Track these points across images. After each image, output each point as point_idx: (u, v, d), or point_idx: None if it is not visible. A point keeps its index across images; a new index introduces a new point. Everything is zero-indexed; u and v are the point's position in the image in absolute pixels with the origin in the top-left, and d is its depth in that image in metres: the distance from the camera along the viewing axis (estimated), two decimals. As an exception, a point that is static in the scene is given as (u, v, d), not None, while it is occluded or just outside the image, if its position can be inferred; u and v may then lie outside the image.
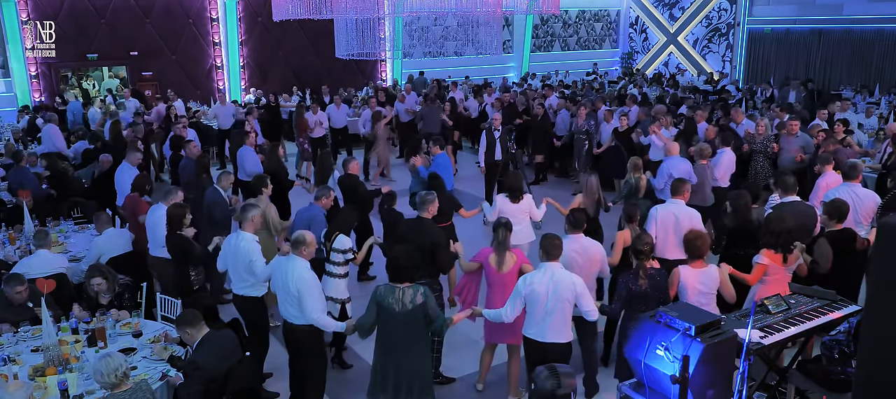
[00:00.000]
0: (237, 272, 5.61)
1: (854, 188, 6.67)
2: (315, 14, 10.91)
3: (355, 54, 11.17)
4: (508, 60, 22.22)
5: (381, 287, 4.66)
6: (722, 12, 21.61)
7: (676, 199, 6.35)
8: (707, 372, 3.97)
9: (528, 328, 4.89)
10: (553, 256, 4.80)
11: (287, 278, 4.97)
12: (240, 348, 4.86)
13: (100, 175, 9.08)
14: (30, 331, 5.37)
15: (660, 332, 4.09)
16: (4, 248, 7.09)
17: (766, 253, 5.40)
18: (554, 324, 4.76)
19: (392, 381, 4.65)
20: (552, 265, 4.78)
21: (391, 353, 4.64)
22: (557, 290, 4.71)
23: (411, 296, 4.56)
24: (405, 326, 4.57)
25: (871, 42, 18.45)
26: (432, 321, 4.62)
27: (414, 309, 4.54)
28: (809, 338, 5.14)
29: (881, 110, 14.17)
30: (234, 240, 5.66)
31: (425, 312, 4.58)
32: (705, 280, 5.09)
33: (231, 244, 5.66)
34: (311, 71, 19.00)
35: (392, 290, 4.60)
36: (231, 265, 5.67)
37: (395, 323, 4.58)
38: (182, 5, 17.39)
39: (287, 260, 5.09)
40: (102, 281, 5.71)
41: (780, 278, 5.42)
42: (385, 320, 4.61)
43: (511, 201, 6.76)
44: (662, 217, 6.21)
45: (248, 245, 5.54)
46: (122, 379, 3.98)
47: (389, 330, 4.62)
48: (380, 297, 4.61)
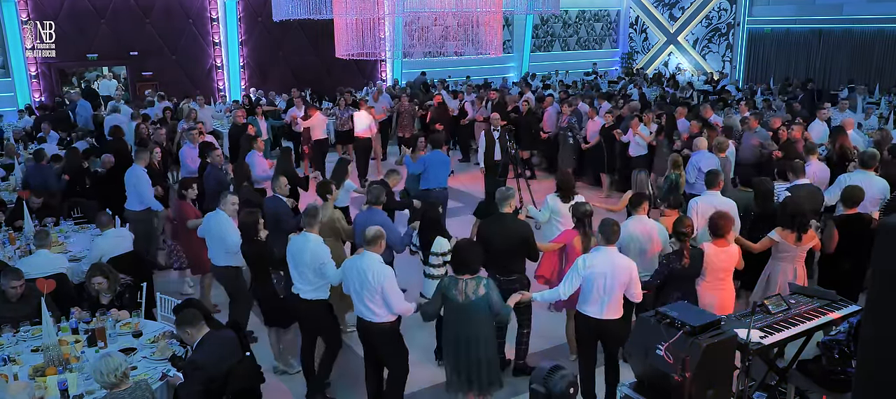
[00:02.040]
0: (304, 275, 5.47)
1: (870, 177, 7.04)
2: (315, 14, 10.90)
3: (355, 54, 11.17)
4: (508, 60, 22.22)
5: (446, 279, 4.86)
6: (722, 12, 21.61)
7: (713, 190, 6.64)
8: (707, 372, 3.97)
9: (584, 305, 5.13)
10: (611, 241, 5.04)
11: (366, 276, 4.93)
12: (240, 348, 4.86)
13: (101, 175, 9.07)
14: (30, 331, 5.37)
15: (660, 332, 4.09)
16: (4, 248, 7.09)
17: (779, 231, 5.77)
18: (611, 303, 5.06)
19: (464, 371, 4.84)
20: (610, 249, 5.04)
21: (456, 343, 4.82)
22: (615, 273, 4.97)
23: (474, 288, 4.72)
24: (469, 317, 4.74)
25: (871, 42, 18.45)
26: (497, 312, 4.77)
27: (477, 300, 4.70)
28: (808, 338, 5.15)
29: (881, 110, 14.17)
30: (300, 242, 5.50)
31: (489, 303, 4.71)
32: (725, 257, 5.42)
33: (297, 247, 5.50)
34: (311, 71, 19.00)
35: (455, 282, 4.76)
36: (297, 268, 5.51)
37: (458, 314, 4.76)
38: (182, 5, 17.39)
39: (362, 258, 5.03)
40: (103, 280, 5.71)
41: (793, 256, 5.80)
42: (450, 311, 4.81)
43: (562, 200, 6.81)
44: (703, 209, 6.43)
45: (318, 247, 5.41)
46: (121, 379, 3.99)
47: (454, 321, 4.81)
48: (444, 289, 4.81)
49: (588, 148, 11.69)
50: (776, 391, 5.09)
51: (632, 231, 5.80)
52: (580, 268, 5.03)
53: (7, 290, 5.46)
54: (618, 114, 12.08)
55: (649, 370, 4.14)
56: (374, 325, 5.05)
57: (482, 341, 4.79)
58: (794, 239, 5.72)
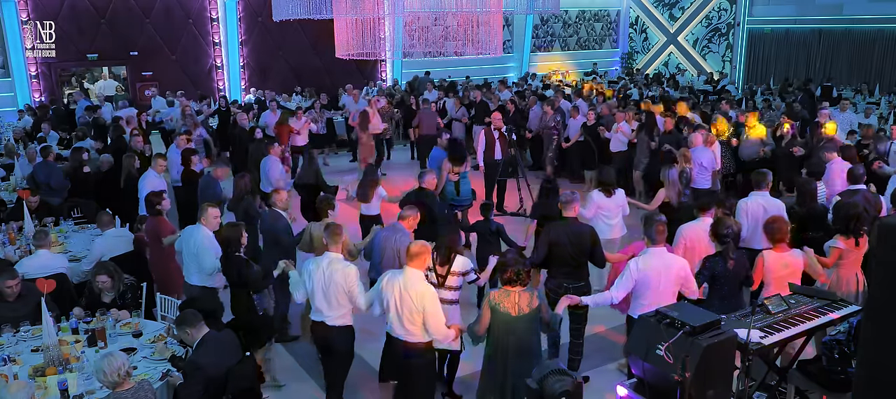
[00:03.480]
0: (331, 300, 5.02)
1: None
2: (315, 14, 10.90)
3: (355, 54, 11.17)
4: (508, 60, 22.22)
5: (495, 292, 4.63)
6: (722, 12, 21.60)
7: (762, 190, 6.57)
8: (707, 372, 3.97)
9: (638, 309, 4.95)
10: (658, 241, 4.99)
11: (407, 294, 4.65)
12: (240, 348, 4.86)
13: (101, 176, 9.06)
14: (30, 331, 5.37)
15: (660, 332, 4.09)
16: (4, 248, 7.09)
17: (841, 237, 5.69)
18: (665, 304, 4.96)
19: (499, 383, 4.64)
20: (660, 249, 5.01)
21: (504, 356, 4.60)
22: (669, 274, 4.94)
23: (528, 300, 4.57)
24: (520, 330, 4.57)
25: (871, 42, 18.45)
26: (547, 321, 4.68)
27: (531, 313, 4.56)
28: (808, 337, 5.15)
29: (881, 110, 14.17)
30: (323, 264, 5.02)
31: (540, 314, 4.62)
32: (788, 264, 5.30)
33: (321, 269, 5.01)
34: (311, 71, 19.00)
35: (506, 295, 4.58)
36: (320, 293, 5.03)
37: (510, 327, 4.56)
38: (182, 5, 17.39)
39: (401, 274, 4.74)
40: (108, 279, 5.72)
41: (853, 260, 5.69)
42: (499, 325, 4.58)
43: (605, 196, 6.78)
44: (752, 209, 6.41)
45: (347, 269, 4.98)
46: (124, 378, 3.99)
47: (504, 334, 4.58)
48: (494, 303, 4.58)
49: (569, 145, 12.10)
50: (776, 391, 5.09)
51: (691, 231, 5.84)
52: (633, 272, 4.96)
53: (3, 290, 5.45)
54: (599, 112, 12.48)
55: (649, 370, 4.14)
56: (413, 345, 4.77)
57: (532, 354, 4.61)
58: (853, 244, 5.64)
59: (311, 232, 6.38)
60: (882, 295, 2.90)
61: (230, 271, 5.56)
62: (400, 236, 5.74)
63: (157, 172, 8.05)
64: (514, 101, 14.15)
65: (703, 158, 8.54)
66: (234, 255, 5.51)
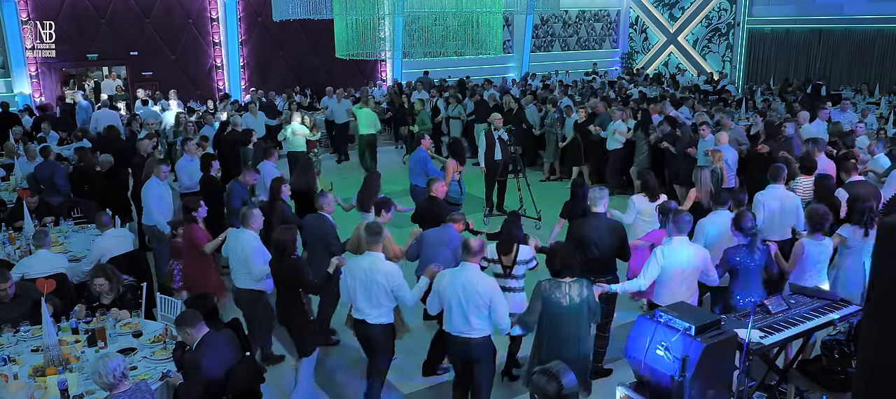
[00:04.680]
0: (375, 299, 5.06)
1: None
2: (315, 14, 10.90)
3: (355, 54, 11.17)
4: (508, 60, 22.22)
5: (545, 282, 4.73)
6: (722, 12, 21.60)
7: (777, 183, 6.74)
8: (707, 372, 3.97)
9: (662, 295, 5.23)
10: (684, 231, 5.24)
11: (473, 288, 4.68)
12: (240, 348, 4.86)
13: (100, 175, 9.05)
14: (30, 331, 5.37)
15: (660, 332, 4.09)
16: (4, 248, 7.09)
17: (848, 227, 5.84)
18: (687, 291, 5.23)
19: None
20: (684, 238, 5.25)
21: (556, 345, 4.70)
22: (693, 261, 5.18)
23: (578, 290, 4.68)
24: (571, 319, 4.68)
25: (871, 42, 18.44)
26: (594, 311, 4.79)
27: (581, 302, 4.68)
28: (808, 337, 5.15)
29: (881, 110, 14.16)
30: (366, 264, 5.07)
31: (589, 304, 4.72)
32: (824, 250, 5.57)
33: (362, 269, 5.06)
34: (311, 71, 19.01)
35: (557, 286, 4.68)
36: (362, 293, 5.07)
37: (561, 317, 4.66)
38: (182, 5, 17.39)
39: (462, 271, 4.78)
40: (105, 282, 5.71)
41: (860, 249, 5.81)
42: (551, 315, 4.68)
43: (649, 200, 6.90)
44: (768, 202, 6.60)
45: (390, 269, 5.04)
46: (120, 379, 3.98)
47: (555, 324, 4.69)
48: (546, 293, 4.68)
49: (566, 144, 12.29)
50: (776, 391, 5.09)
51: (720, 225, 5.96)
52: (660, 259, 5.17)
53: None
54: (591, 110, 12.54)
55: (649, 370, 4.14)
56: (474, 341, 4.80)
57: (582, 342, 4.74)
58: (863, 234, 5.75)
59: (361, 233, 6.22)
60: (882, 295, 2.90)
61: (285, 275, 5.44)
62: (453, 236, 5.86)
63: (159, 179, 7.77)
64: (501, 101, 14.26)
65: (729, 156, 8.73)
66: (290, 258, 5.42)
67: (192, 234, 6.54)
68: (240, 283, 5.98)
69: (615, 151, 11.33)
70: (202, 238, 6.53)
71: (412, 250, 6.08)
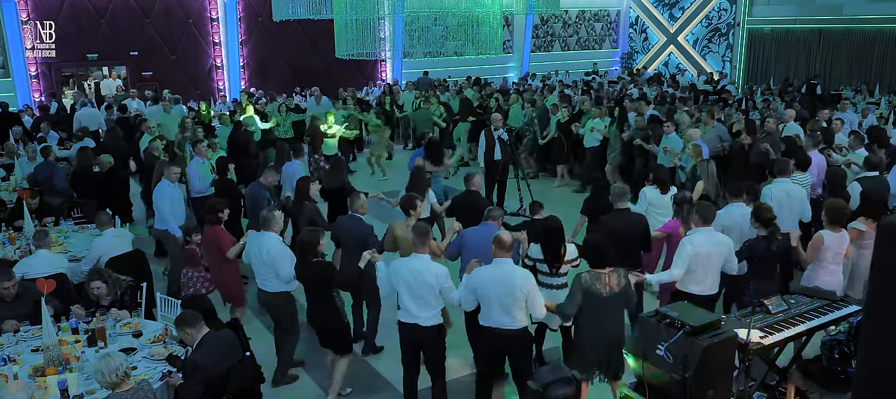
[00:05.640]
0: (420, 298, 5.01)
1: None
2: (315, 14, 10.90)
3: (355, 54, 11.17)
4: (508, 60, 22.22)
5: (585, 275, 4.84)
6: (722, 12, 21.60)
7: (783, 177, 6.93)
8: (707, 372, 3.97)
9: (689, 285, 5.41)
10: (709, 221, 5.42)
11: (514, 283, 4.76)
12: (240, 348, 4.86)
13: (100, 175, 9.05)
14: (30, 331, 5.37)
15: (660, 332, 4.09)
16: (4, 248, 7.08)
17: (863, 220, 6.00)
18: (714, 280, 5.44)
19: (594, 355, 4.89)
20: (709, 229, 5.41)
21: (598, 333, 4.85)
22: (720, 250, 5.36)
23: (617, 280, 4.84)
24: (612, 308, 4.85)
25: (871, 42, 18.44)
26: (632, 300, 5.02)
27: (620, 292, 4.84)
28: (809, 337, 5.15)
29: (881, 110, 14.16)
30: (414, 265, 5.03)
31: (627, 293, 4.91)
32: (842, 243, 5.68)
33: (410, 271, 5.02)
34: (311, 71, 19.01)
35: (598, 277, 4.82)
36: (409, 294, 5.02)
37: (603, 307, 4.81)
38: (182, 5, 17.39)
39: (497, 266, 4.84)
40: (102, 285, 5.68)
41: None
42: (593, 305, 4.80)
43: (660, 192, 7.08)
44: (777, 195, 6.73)
45: (440, 270, 5.01)
46: (122, 378, 3.98)
47: (596, 312, 4.82)
48: (587, 285, 4.80)
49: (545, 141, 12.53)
50: (776, 391, 5.09)
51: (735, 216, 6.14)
52: (689, 250, 5.32)
53: (0, 292, 5.45)
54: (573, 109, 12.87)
55: (649, 369, 4.14)
56: (513, 333, 4.88)
57: (620, 330, 4.92)
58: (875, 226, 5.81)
59: (395, 232, 6.18)
60: (882, 295, 2.90)
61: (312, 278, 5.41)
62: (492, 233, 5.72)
63: (170, 182, 7.59)
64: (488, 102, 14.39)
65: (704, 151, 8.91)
66: (313, 261, 5.38)
67: (218, 236, 6.36)
68: (267, 287, 5.80)
69: (592, 149, 11.61)
70: (228, 241, 6.37)
71: (453, 249, 6.00)
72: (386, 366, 6.21)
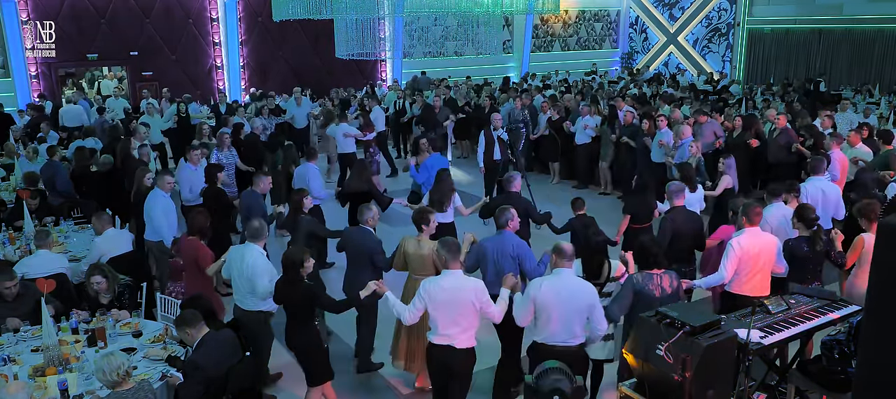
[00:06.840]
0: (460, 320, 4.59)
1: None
2: (315, 14, 10.90)
3: (355, 54, 11.17)
4: (508, 60, 22.22)
5: (638, 276, 4.86)
6: (722, 12, 21.60)
7: (817, 176, 7.01)
8: (707, 372, 3.97)
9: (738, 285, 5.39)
10: (754, 222, 5.40)
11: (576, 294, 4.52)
12: (240, 348, 4.86)
13: (100, 175, 9.05)
14: (30, 331, 5.37)
15: (660, 332, 4.09)
16: (4, 248, 7.08)
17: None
18: (763, 280, 5.41)
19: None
20: (756, 229, 5.40)
21: None
22: (767, 251, 5.37)
23: (669, 281, 4.85)
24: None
25: (871, 42, 18.45)
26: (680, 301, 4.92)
27: (672, 293, 4.83)
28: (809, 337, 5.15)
29: (881, 110, 14.17)
30: (447, 283, 4.59)
31: (679, 295, 4.90)
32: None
33: (444, 290, 4.58)
34: (311, 71, 19.00)
35: (650, 278, 4.83)
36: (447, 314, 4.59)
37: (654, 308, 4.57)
38: (182, 5, 17.38)
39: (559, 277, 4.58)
40: (103, 280, 5.70)
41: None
42: (644, 306, 4.71)
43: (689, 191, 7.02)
44: (812, 193, 6.80)
45: (478, 285, 4.63)
46: (124, 377, 3.99)
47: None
48: (639, 286, 4.81)
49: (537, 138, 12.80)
50: (776, 391, 5.09)
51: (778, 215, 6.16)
52: (736, 250, 5.30)
53: (2, 291, 5.44)
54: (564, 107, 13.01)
55: (649, 369, 4.14)
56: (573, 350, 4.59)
57: None
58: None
59: (406, 249, 5.72)
60: (882, 295, 2.90)
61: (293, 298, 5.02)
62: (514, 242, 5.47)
63: (164, 191, 7.25)
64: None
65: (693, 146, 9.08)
66: (297, 280, 4.99)
67: (198, 250, 6.05)
68: (244, 305, 5.46)
69: (583, 146, 11.79)
70: (208, 256, 6.03)
71: (470, 260, 5.57)
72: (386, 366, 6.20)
